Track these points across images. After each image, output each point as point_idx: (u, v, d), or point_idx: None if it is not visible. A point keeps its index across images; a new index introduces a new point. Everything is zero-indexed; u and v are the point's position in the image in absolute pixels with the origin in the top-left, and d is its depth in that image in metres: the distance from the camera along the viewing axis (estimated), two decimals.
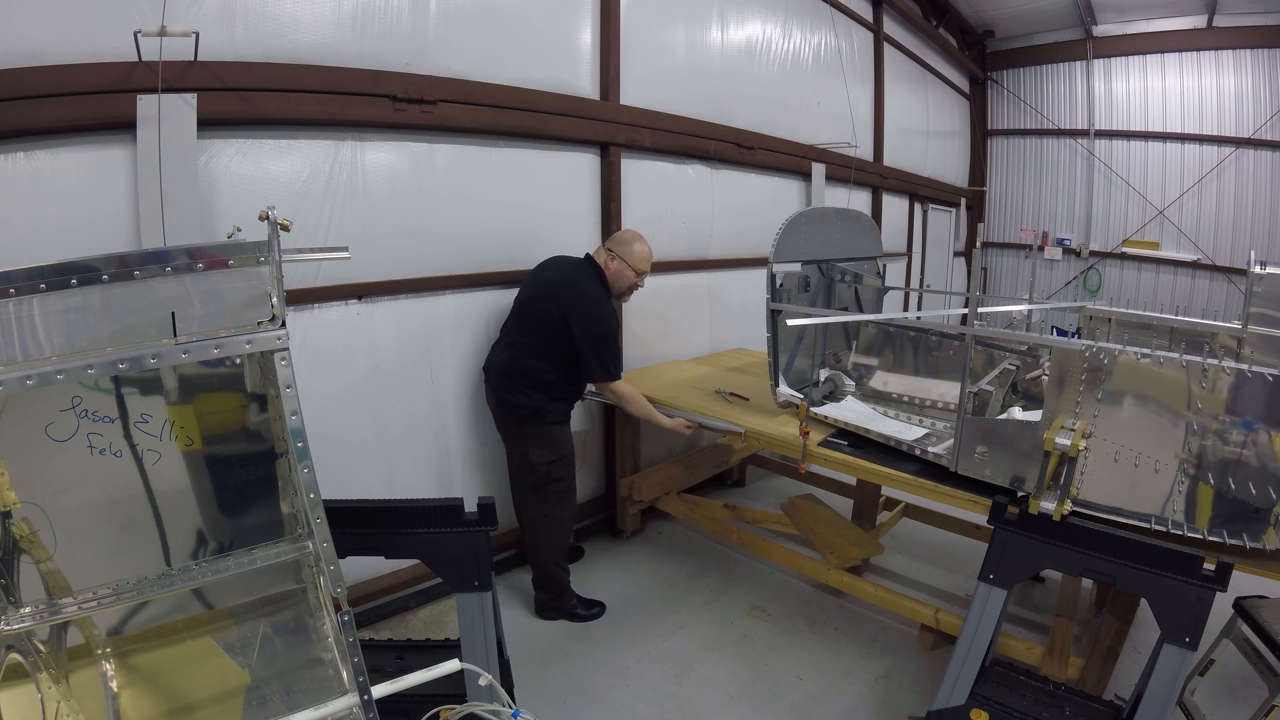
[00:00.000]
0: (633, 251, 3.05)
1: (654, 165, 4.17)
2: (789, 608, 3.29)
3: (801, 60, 5.35)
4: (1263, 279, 2.25)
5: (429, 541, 2.06)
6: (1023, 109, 9.27)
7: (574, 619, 3.14)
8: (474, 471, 3.38)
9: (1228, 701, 2.57)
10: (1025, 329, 3.07)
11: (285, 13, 2.56)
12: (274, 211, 1.36)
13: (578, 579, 3.32)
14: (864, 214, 3.81)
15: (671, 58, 4.21)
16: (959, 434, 2.39)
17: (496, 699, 1.52)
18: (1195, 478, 1.98)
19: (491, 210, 3.30)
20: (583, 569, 3.56)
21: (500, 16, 3.24)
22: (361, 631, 1.99)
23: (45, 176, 2.15)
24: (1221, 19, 7.68)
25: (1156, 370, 1.98)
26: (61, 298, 1.23)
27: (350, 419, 2.90)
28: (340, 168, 2.78)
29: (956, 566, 3.62)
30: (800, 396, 3.00)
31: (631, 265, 3.04)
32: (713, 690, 2.72)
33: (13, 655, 1.42)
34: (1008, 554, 2.15)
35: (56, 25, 2.09)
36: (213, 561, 1.59)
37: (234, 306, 1.35)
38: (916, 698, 2.65)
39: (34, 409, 1.36)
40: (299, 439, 1.35)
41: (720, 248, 4.75)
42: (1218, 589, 1.84)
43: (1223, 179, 7.90)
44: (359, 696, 1.43)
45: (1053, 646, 2.57)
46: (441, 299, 3.17)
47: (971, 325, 2.39)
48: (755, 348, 4.68)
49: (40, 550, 1.44)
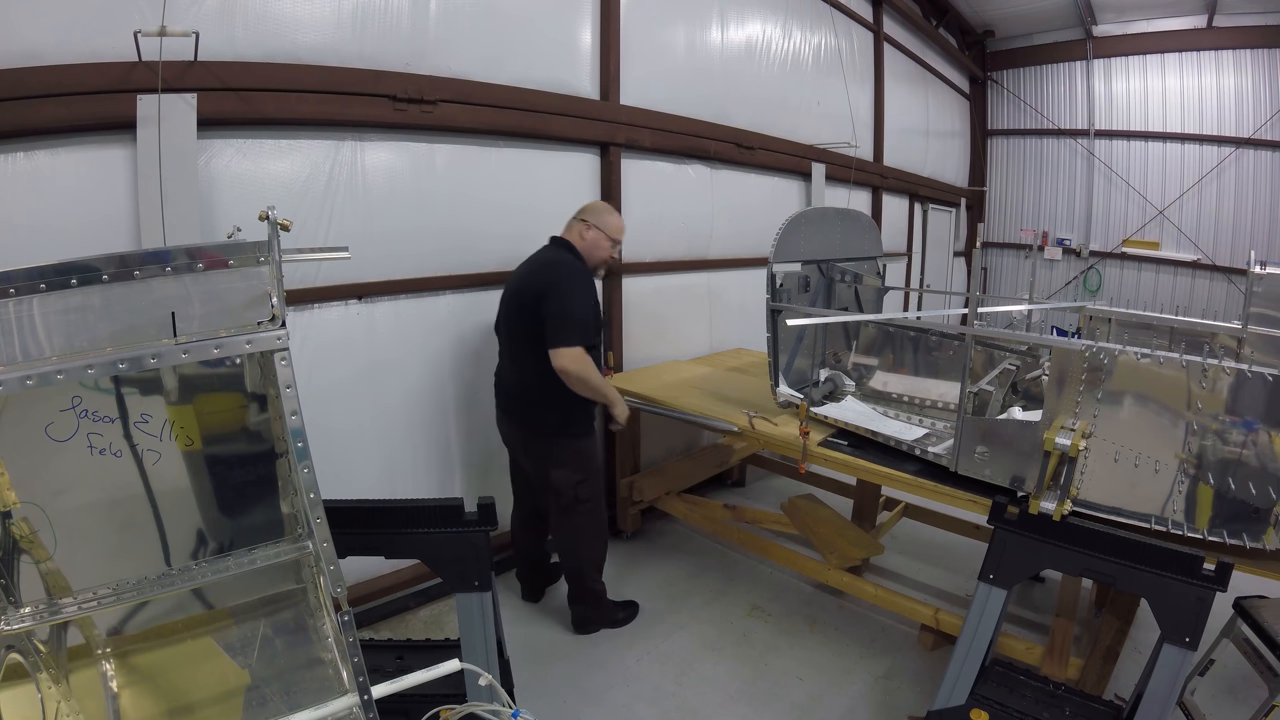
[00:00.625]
0: (609, 221, 2.87)
1: (654, 165, 4.17)
2: (789, 608, 3.29)
3: (801, 60, 5.35)
4: (1263, 279, 2.25)
5: (429, 541, 2.06)
6: (1023, 109, 9.27)
7: (616, 625, 3.08)
8: (474, 472, 3.38)
9: (1228, 701, 2.57)
10: (1025, 329, 3.08)
11: (285, 13, 2.56)
12: (274, 211, 1.36)
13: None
14: (864, 214, 3.81)
15: (671, 58, 4.21)
16: (959, 434, 2.39)
17: (496, 699, 1.52)
18: (1195, 478, 1.97)
19: (491, 210, 3.30)
20: None
21: (500, 16, 3.24)
22: (361, 631, 1.99)
23: (45, 176, 2.15)
24: (1221, 19, 7.68)
25: (1156, 370, 1.98)
26: (61, 298, 1.23)
27: (350, 419, 2.90)
28: (340, 168, 2.78)
29: (956, 566, 3.62)
30: (800, 396, 3.00)
31: (608, 234, 2.85)
32: (713, 690, 2.72)
33: (13, 655, 1.42)
34: (1008, 554, 2.15)
35: (56, 25, 2.09)
36: (213, 561, 1.59)
37: (234, 306, 1.35)
38: (916, 698, 2.65)
39: (34, 409, 1.36)
40: (299, 439, 1.35)
41: (720, 248, 4.75)
42: (1218, 589, 1.84)
43: (1223, 179, 7.90)
44: (359, 696, 1.43)
45: (1053, 646, 2.57)
46: (441, 299, 3.17)
47: (971, 325, 2.39)
48: (755, 348, 4.68)
49: (40, 550, 1.44)
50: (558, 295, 2.62)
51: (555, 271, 2.71)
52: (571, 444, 2.81)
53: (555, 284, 2.65)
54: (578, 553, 2.96)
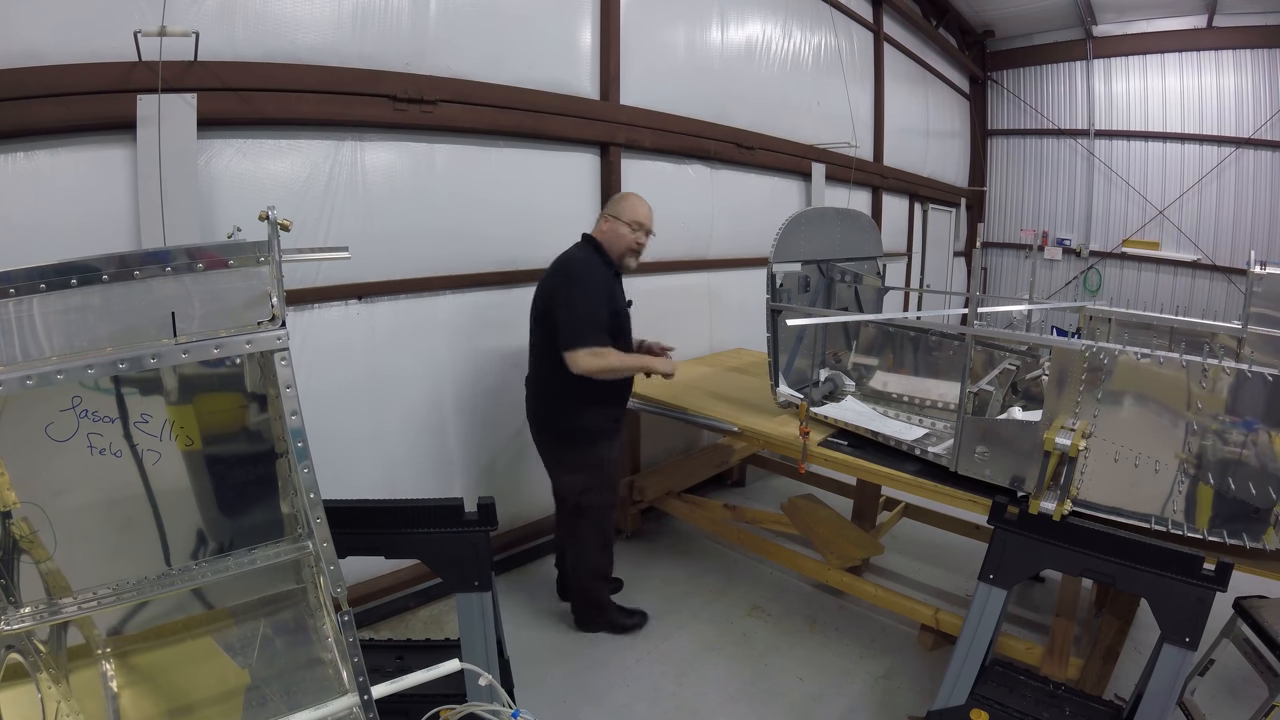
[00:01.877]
0: (624, 207, 2.76)
1: (654, 165, 4.17)
2: (789, 608, 3.29)
3: (801, 60, 5.35)
4: (1263, 279, 2.26)
5: (429, 541, 2.06)
6: (1023, 109, 9.27)
7: (616, 630, 3.02)
8: (474, 472, 3.38)
9: (1228, 701, 2.57)
10: (1025, 329, 3.08)
11: (285, 13, 2.56)
12: (274, 211, 1.36)
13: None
14: (864, 214, 3.81)
15: (671, 58, 4.21)
16: (959, 434, 2.39)
17: (496, 699, 1.52)
18: (1195, 478, 1.97)
19: (491, 210, 3.30)
20: None
21: (500, 16, 3.24)
22: (361, 631, 1.99)
23: (45, 176, 2.15)
24: (1221, 19, 7.68)
25: (1156, 370, 1.98)
26: (61, 298, 1.23)
27: (350, 419, 2.90)
28: (340, 168, 2.78)
29: (956, 566, 3.62)
30: (800, 396, 3.00)
31: (625, 221, 2.73)
32: (713, 690, 2.72)
33: (13, 655, 1.42)
34: (1008, 554, 2.15)
35: (56, 25, 2.09)
36: (213, 561, 1.59)
37: (234, 306, 1.35)
38: (916, 698, 2.65)
39: (34, 409, 1.36)
40: (299, 439, 1.35)
41: (720, 248, 4.75)
42: (1218, 589, 1.84)
43: (1223, 179, 7.90)
44: (359, 696, 1.43)
45: (1053, 646, 2.57)
46: (441, 299, 3.17)
47: (971, 325, 2.39)
48: (755, 348, 4.68)
49: (40, 550, 1.44)
50: (564, 300, 2.60)
51: (563, 274, 2.68)
52: (580, 451, 2.77)
53: (560, 289, 2.63)
54: (578, 560, 2.96)
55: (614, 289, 2.75)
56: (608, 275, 2.72)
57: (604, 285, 2.68)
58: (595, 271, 2.69)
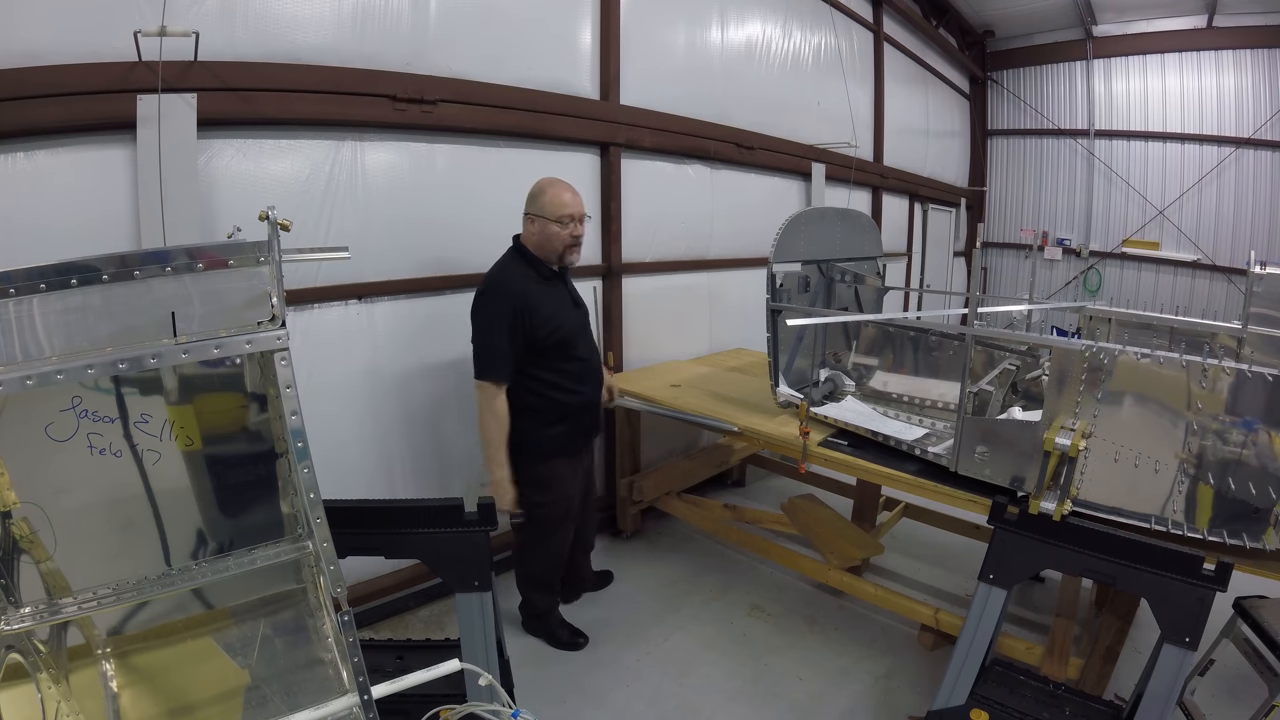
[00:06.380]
0: (545, 201, 2.55)
1: (654, 165, 4.17)
2: (789, 608, 3.29)
3: (801, 60, 5.35)
4: (1263, 279, 2.25)
5: (429, 541, 2.06)
6: (1023, 109, 9.27)
7: (552, 643, 2.95)
8: (474, 472, 3.38)
9: (1228, 701, 2.57)
10: (1025, 329, 3.08)
11: (285, 13, 2.56)
12: (274, 211, 1.36)
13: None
14: (864, 214, 3.81)
15: (671, 58, 4.21)
16: (959, 434, 2.39)
17: (496, 699, 1.52)
18: (1195, 478, 1.97)
19: (492, 210, 3.29)
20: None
21: (500, 16, 3.24)
22: (361, 631, 1.98)
23: (45, 176, 2.15)
24: (1221, 19, 7.68)
25: (1156, 370, 1.97)
26: (61, 298, 1.23)
27: (350, 419, 2.90)
28: (340, 168, 2.78)
29: (956, 566, 3.62)
30: (800, 396, 3.00)
31: (551, 218, 2.54)
32: (713, 690, 2.72)
33: (13, 655, 1.42)
34: (1008, 554, 2.15)
35: (56, 25, 2.09)
36: (213, 561, 1.59)
37: (234, 306, 1.35)
38: (916, 698, 2.65)
39: (34, 409, 1.36)
40: (299, 439, 1.35)
41: (720, 248, 4.75)
42: (1218, 589, 1.84)
43: (1223, 179, 7.90)
44: (359, 696, 1.43)
45: (1053, 646, 2.57)
46: (441, 299, 3.17)
47: (971, 325, 2.39)
48: (755, 348, 4.67)
49: (40, 550, 1.44)
50: (473, 323, 2.53)
51: (476, 295, 2.54)
52: (528, 466, 2.64)
53: (472, 310, 2.54)
54: (519, 566, 2.95)
55: (540, 301, 2.53)
56: (524, 290, 2.50)
57: (507, 308, 2.46)
58: (500, 293, 2.49)
